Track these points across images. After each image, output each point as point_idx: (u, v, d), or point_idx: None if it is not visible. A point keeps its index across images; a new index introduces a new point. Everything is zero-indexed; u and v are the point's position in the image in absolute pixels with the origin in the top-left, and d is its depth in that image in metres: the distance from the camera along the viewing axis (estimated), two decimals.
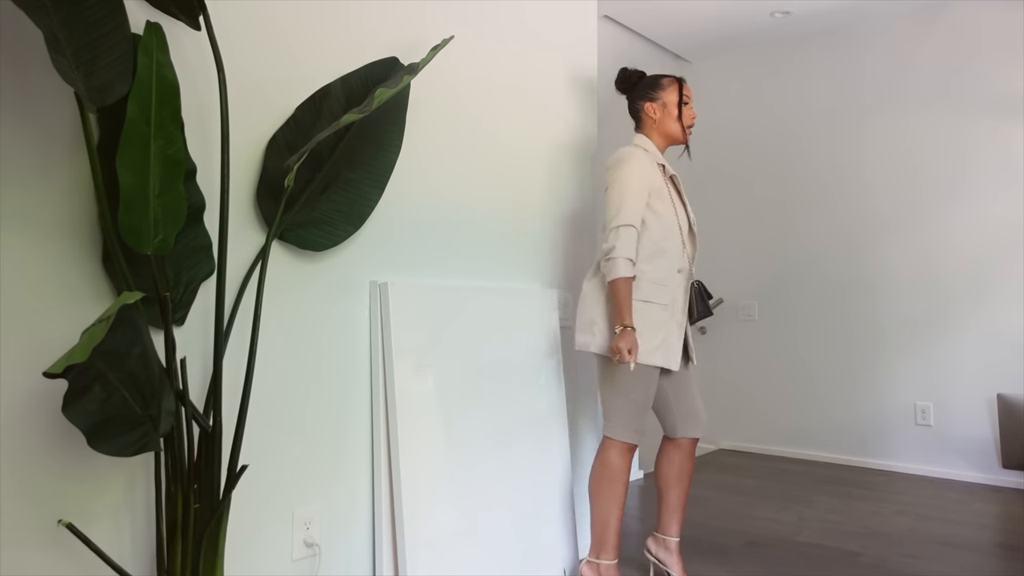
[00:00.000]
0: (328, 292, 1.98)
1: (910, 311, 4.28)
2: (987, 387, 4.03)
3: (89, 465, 1.52)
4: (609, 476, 2.31)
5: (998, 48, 4.04)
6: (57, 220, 1.48)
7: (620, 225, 2.24)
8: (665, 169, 2.39)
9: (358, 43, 2.06)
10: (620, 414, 2.30)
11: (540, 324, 2.54)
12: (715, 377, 5.01)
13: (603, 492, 2.32)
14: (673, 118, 2.41)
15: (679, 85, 2.43)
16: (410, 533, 2.00)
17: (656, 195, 2.31)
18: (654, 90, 2.43)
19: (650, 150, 2.39)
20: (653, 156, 2.37)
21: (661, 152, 2.43)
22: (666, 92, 2.42)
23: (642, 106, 2.43)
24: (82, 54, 1.34)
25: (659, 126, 2.42)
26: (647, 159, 2.33)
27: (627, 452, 2.32)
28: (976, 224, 4.09)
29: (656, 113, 2.41)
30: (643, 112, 2.44)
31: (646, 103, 2.43)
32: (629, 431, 2.30)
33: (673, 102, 2.41)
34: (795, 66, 4.75)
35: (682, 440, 2.45)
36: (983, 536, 3.07)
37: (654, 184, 2.31)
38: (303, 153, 1.55)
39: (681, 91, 2.42)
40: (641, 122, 2.46)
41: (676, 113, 2.41)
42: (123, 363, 1.29)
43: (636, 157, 2.31)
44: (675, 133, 2.43)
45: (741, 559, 2.78)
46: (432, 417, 2.12)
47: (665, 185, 2.35)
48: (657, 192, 2.32)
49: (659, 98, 2.42)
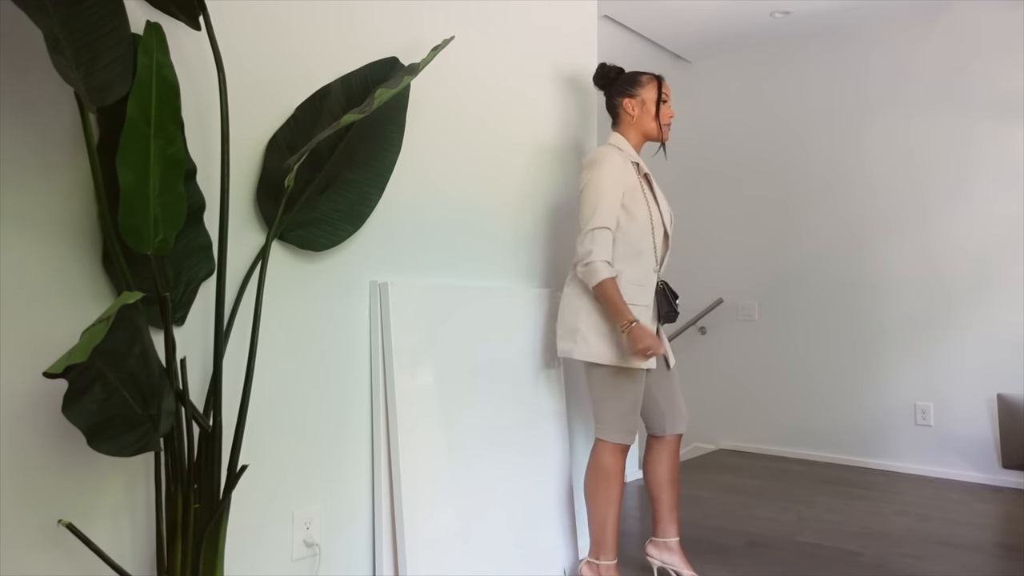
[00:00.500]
0: (328, 292, 1.98)
1: (910, 311, 4.28)
2: (987, 387, 4.03)
3: (89, 465, 1.52)
4: (604, 477, 2.31)
5: (998, 48, 4.04)
6: (57, 220, 1.48)
7: (595, 228, 2.23)
8: (639, 167, 2.38)
9: (358, 43, 2.06)
10: (611, 415, 2.30)
11: (541, 325, 2.54)
12: (715, 377, 5.00)
13: (599, 493, 2.32)
14: (651, 115, 2.41)
15: (658, 83, 2.43)
16: (410, 533, 2.00)
17: (630, 195, 2.30)
18: (633, 87, 2.42)
19: (624, 148, 2.38)
20: (627, 155, 2.37)
21: (637, 150, 2.43)
22: (645, 89, 2.41)
23: (620, 102, 2.43)
24: (82, 54, 1.34)
25: (637, 123, 2.41)
26: (620, 158, 2.32)
27: (620, 453, 2.32)
28: (976, 224, 4.09)
29: (634, 110, 2.41)
30: (621, 108, 2.43)
31: (625, 99, 2.42)
32: (622, 432, 2.30)
33: (652, 99, 2.41)
34: (795, 66, 4.75)
35: (669, 437, 2.46)
36: (983, 536, 3.07)
37: (628, 184, 2.31)
38: (303, 153, 1.55)
39: (660, 88, 2.42)
40: (618, 118, 2.45)
41: (654, 111, 2.41)
42: (123, 363, 1.29)
43: (610, 157, 2.31)
44: (652, 131, 2.42)
45: (741, 559, 2.78)
46: (432, 417, 2.12)
47: (640, 184, 2.34)
48: (631, 192, 2.31)
49: (638, 95, 2.41)
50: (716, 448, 4.95)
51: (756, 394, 4.84)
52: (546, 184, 2.71)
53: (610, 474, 2.31)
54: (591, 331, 2.28)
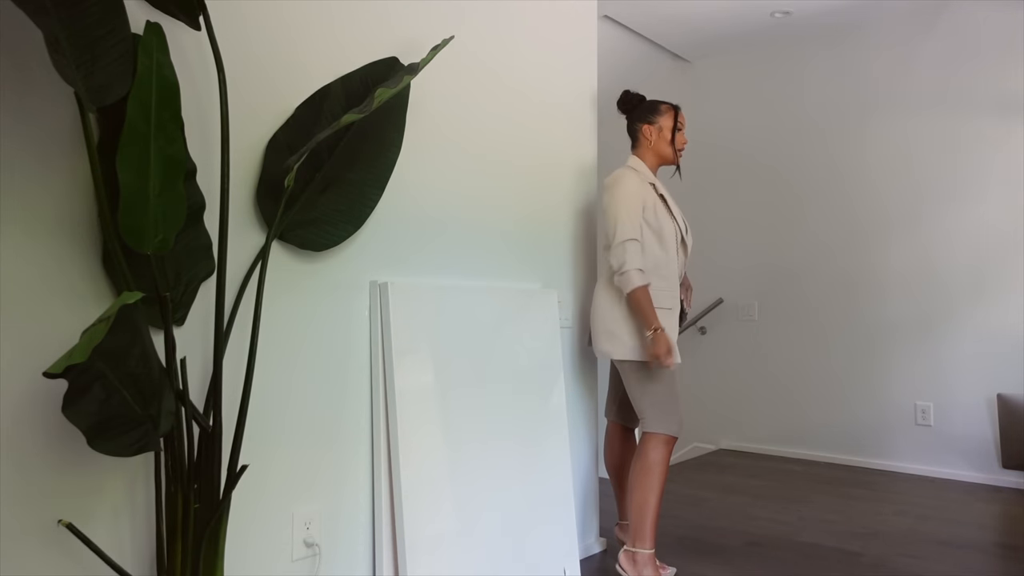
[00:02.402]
0: (328, 292, 1.98)
1: (910, 311, 4.28)
2: (987, 387, 4.03)
3: (89, 465, 1.52)
4: (649, 469, 2.45)
5: (998, 48, 4.04)
6: (57, 220, 1.48)
7: (624, 240, 2.43)
8: (656, 187, 2.57)
9: (358, 43, 2.06)
10: (654, 408, 2.46)
11: (540, 324, 2.54)
12: (715, 377, 5.00)
13: (643, 484, 2.45)
14: (667, 142, 2.63)
15: (675, 112, 2.65)
16: (410, 533, 2.00)
17: (651, 212, 2.50)
18: (652, 114, 2.63)
19: (641, 170, 2.58)
20: (644, 176, 2.56)
21: (653, 171, 2.63)
22: (663, 117, 2.62)
23: (640, 127, 2.64)
24: (82, 54, 1.34)
25: (654, 147, 2.63)
26: (638, 179, 2.53)
27: (668, 444, 2.47)
28: (976, 224, 4.09)
29: (652, 135, 2.62)
30: (640, 133, 2.64)
31: (644, 125, 2.63)
32: (671, 423, 2.46)
33: (668, 127, 2.62)
34: (795, 66, 4.75)
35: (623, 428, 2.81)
36: (983, 536, 3.07)
37: (647, 201, 2.51)
38: (303, 153, 1.55)
39: (676, 117, 2.63)
40: (637, 142, 2.66)
41: (670, 137, 2.62)
42: (123, 363, 1.29)
43: (628, 177, 2.53)
44: (668, 155, 2.64)
45: (741, 559, 2.78)
46: (432, 417, 2.12)
47: (657, 202, 2.53)
48: (652, 208, 2.51)
49: (656, 122, 2.62)
50: (716, 448, 4.95)
51: (756, 394, 4.84)
52: (546, 183, 2.71)
53: (655, 465, 2.45)
54: (626, 331, 2.48)
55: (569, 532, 2.51)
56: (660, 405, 2.45)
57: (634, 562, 2.43)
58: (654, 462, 2.44)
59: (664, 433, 2.44)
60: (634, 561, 2.43)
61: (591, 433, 2.90)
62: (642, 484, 2.44)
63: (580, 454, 2.84)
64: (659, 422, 2.45)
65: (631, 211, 2.45)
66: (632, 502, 2.47)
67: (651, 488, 2.43)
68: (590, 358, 2.90)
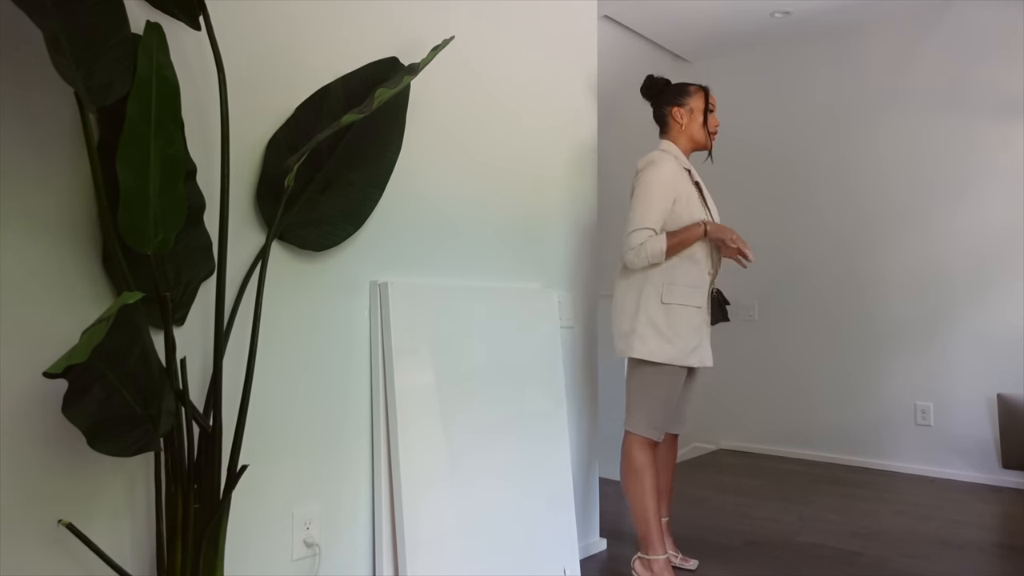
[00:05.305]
0: (328, 292, 1.98)
1: (910, 311, 4.28)
2: (987, 387, 4.03)
3: (89, 465, 1.52)
4: (634, 472, 2.44)
5: (1000, 47, 4.04)
6: (57, 220, 1.48)
7: (639, 228, 2.36)
8: (691, 174, 2.48)
9: (358, 43, 2.06)
10: (642, 411, 2.43)
11: (541, 324, 2.54)
12: (715, 377, 5.00)
13: (634, 488, 2.44)
14: (699, 124, 2.53)
15: (705, 93, 2.54)
16: (410, 533, 2.00)
17: (684, 202, 2.41)
18: (682, 96, 2.54)
19: (678, 156, 2.49)
20: (680, 162, 2.47)
21: (687, 157, 2.53)
22: (693, 99, 2.53)
23: (669, 111, 2.54)
24: (82, 54, 1.34)
25: (685, 130, 2.53)
26: (675, 165, 2.42)
27: (647, 447, 2.44)
28: (977, 224, 4.09)
29: (683, 118, 2.52)
30: (670, 116, 2.54)
31: (674, 108, 2.54)
32: (649, 427, 2.42)
33: (700, 108, 2.53)
34: (795, 66, 4.75)
35: (667, 435, 2.68)
36: (983, 536, 3.07)
37: (681, 191, 2.41)
38: (303, 153, 1.55)
39: (707, 99, 2.54)
40: (667, 127, 2.56)
41: (702, 119, 2.52)
42: (123, 363, 1.29)
43: (665, 162, 2.41)
44: (700, 138, 2.54)
45: (741, 559, 2.78)
46: (432, 417, 2.12)
47: (692, 191, 2.45)
48: (685, 199, 2.41)
49: (687, 104, 2.53)
50: (716, 448, 4.95)
51: (756, 394, 4.84)
52: (546, 182, 2.71)
53: (640, 467, 2.43)
54: (648, 331, 2.41)
55: (569, 532, 2.51)
56: (652, 410, 2.43)
57: (651, 570, 2.44)
58: (641, 465, 2.43)
59: (646, 437, 2.44)
60: (651, 569, 2.44)
61: (591, 433, 2.90)
62: (634, 491, 2.44)
63: (580, 454, 2.84)
64: (645, 425, 2.42)
65: (660, 200, 2.36)
66: (632, 510, 2.47)
67: (643, 492, 2.43)
68: (590, 358, 2.90)
